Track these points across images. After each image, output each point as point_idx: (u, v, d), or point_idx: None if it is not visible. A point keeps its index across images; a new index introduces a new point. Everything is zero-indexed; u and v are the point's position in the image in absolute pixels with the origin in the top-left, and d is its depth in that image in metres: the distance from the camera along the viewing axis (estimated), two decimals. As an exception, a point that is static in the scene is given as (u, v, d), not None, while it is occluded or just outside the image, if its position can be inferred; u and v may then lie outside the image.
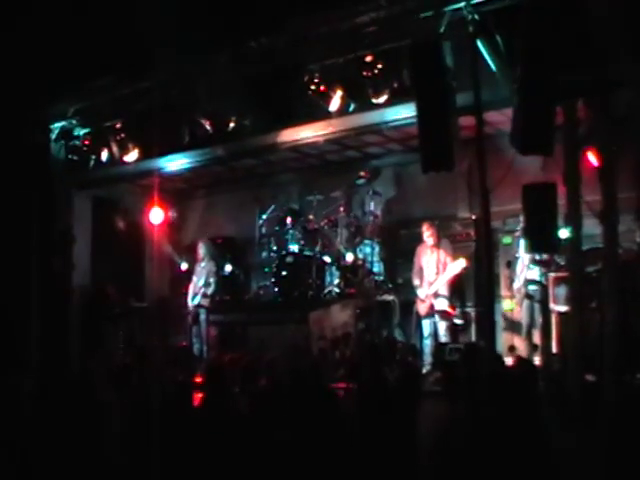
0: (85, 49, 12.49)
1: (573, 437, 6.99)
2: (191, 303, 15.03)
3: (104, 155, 14.60)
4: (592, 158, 10.06)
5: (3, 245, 13.41)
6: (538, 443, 5.90)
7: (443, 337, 12.56)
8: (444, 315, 12.62)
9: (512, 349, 12.43)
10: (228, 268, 16.01)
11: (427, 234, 12.85)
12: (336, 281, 14.37)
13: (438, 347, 12.29)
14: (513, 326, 12.79)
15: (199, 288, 14.98)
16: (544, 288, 11.35)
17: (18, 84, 12.97)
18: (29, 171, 13.79)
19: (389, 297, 14.28)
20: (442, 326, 12.63)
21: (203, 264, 15.22)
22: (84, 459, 6.27)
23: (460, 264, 12.53)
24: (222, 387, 7.59)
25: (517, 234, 12.29)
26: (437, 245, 12.84)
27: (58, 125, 14.74)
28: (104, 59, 12.56)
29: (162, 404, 7.33)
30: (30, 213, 13.83)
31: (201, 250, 15.32)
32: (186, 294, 15.29)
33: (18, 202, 13.68)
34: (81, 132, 14.80)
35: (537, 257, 11.38)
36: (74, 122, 14.67)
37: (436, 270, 12.72)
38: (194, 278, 15.28)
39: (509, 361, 9.29)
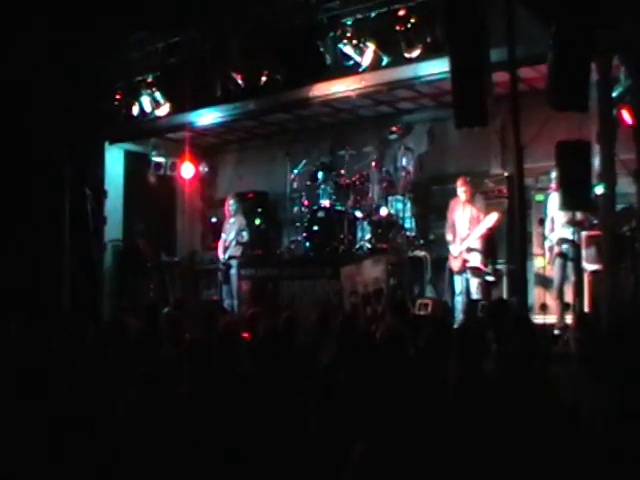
0: (118, 3, 12.44)
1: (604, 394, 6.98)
2: (222, 258, 14.93)
3: (135, 109, 14.62)
4: (627, 116, 9.96)
5: (36, 200, 13.49)
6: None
7: (475, 294, 12.51)
8: (476, 271, 12.57)
9: (544, 307, 12.40)
10: (257, 222, 16.00)
11: (461, 189, 12.75)
12: (367, 236, 14.27)
13: (469, 304, 12.31)
14: (545, 284, 12.73)
15: (230, 242, 14.88)
16: (577, 247, 11.27)
17: (53, 40, 12.96)
18: (62, 126, 13.81)
19: (421, 253, 14.23)
20: (474, 283, 12.57)
21: (232, 220, 15.08)
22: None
23: (493, 217, 12.44)
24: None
25: (547, 191, 12.23)
26: (470, 201, 12.75)
27: (91, 80, 14.77)
28: (137, 14, 12.51)
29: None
30: (63, 168, 13.88)
31: (232, 207, 15.18)
32: (216, 249, 15.29)
33: (51, 157, 13.73)
34: (114, 86, 14.82)
35: (571, 217, 11.27)
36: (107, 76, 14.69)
37: (468, 225, 12.65)
38: (223, 235, 15.16)
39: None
